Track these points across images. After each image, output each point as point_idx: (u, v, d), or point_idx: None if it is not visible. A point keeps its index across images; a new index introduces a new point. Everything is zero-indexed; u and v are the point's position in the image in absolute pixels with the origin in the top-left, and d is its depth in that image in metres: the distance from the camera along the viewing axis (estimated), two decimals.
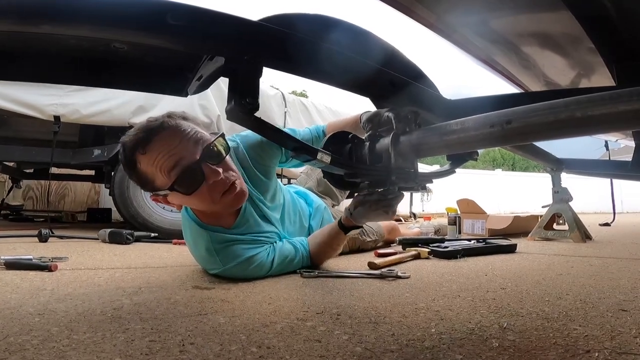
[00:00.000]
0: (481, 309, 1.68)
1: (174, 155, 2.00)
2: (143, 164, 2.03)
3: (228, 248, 2.28)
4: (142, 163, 2.03)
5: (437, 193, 9.26)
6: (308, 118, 6.73)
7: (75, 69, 1.48)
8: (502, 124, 1.29)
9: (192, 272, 2.49)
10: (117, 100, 5.16)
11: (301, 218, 2.99)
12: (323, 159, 1.57)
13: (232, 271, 2.27)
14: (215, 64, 1.39)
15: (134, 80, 1.59)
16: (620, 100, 1.04)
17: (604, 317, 1.55)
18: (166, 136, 2.01)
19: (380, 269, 2.51)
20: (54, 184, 9.40)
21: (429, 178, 1.93)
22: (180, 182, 2.02)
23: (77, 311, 1.61)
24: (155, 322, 1.47)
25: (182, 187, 2.04)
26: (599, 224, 7.43)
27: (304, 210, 3.09)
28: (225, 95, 1.36)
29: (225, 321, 1.49)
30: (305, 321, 1.51)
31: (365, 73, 1.57)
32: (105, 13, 1.07)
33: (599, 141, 5.68)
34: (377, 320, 1.51)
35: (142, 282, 2.18)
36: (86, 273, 2.44)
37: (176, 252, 3.49)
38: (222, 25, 1.26)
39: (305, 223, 3.03)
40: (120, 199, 5.07)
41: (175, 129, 2.04)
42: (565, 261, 3.05)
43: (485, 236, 5.13)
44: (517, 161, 46.01)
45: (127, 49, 1.33)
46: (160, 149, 1.99)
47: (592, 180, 16.18)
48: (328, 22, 1.53)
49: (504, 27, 1.94)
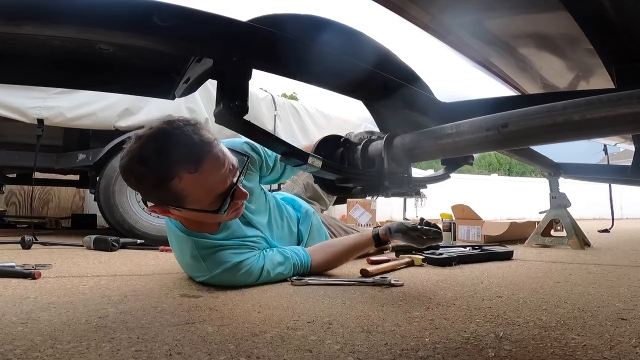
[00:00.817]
0: (477, 318, 1.68)
1: (224, 180, 2.06)
2: (186, 181, 1.97)
3: (214, 254, 2.28)
4: (186, 181, 1.96)
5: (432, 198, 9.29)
6: (299, 121, 6.74)
7: (59, 71, 1.48)
8: (498, 128, 1.29)
9: (180, 280, 2.48)
10: (102, 103, 5.14)
11: (289, 223, 3.01)
12: (314, 164, 1.56)
13: (219, 278, 2.27)
14: (203, 65, 1.39)
15: (119, 83, 1.59)
16: (620, 103, 1.04)
17: (603, 326, 1.56)
18: (216, 158, 2.03)
19: (372, 277, 2.51)
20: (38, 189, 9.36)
21: (423, 183, 1.93)
22: (220, 205, 2.08)
23: (61, 320, 1.60)
24: (142, 331, 1.47)
25: (217, 208, 2.08)
26: (598, 230, 7.44)
27: (291, 215, 3.11)
28: (214, 97, 1.36)
29: (214, 330, 1.49)
30: (295, 330, 1.50)
31: (357, 75, 1.57)
32: (90, 13, 1.06)
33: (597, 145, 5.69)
34: (369, 329, 1.51)
35: (128, 290, 2.17)
36: (70, 281, 2.43)
37: (163, 259, 3.48)
38: (211, 25, 1.26)
39: (294, 228, 3.05)
40: (105, 205, 5.04)
41: (219, 149, 2.06)
42: (563, 268, 3.05)
43: (480, 243, 5.14)
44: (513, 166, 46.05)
45: (112, 51, 1.33)
46: (214, 172, 2.02)
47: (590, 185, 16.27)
48: (319, 23, 1.53)
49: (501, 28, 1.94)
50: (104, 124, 5.16)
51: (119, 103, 5.19)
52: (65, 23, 1.05)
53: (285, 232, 2.92)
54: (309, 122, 6.83)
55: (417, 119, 1.78)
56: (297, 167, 1.61)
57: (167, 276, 2.64)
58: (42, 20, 1.03)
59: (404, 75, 1.72)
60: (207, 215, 2.14)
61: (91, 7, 1.06)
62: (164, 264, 3.24)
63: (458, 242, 5.11)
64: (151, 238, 4.94)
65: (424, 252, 3.37)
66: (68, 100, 5.06)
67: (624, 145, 5.04)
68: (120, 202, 5.00)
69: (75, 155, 5.46)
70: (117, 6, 1.10)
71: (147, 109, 5.21)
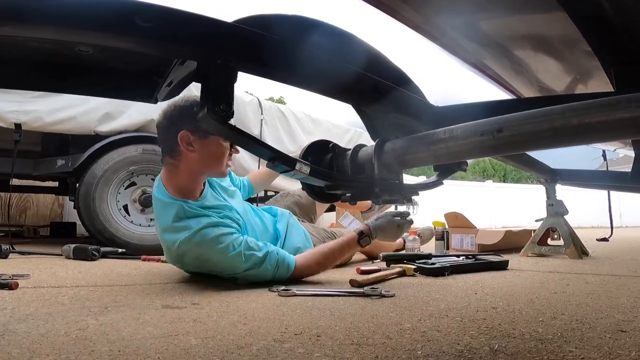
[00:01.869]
0: (471, 330, 1.68)
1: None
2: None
3: (198, 216, 2.57)
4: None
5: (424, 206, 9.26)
6: (286, 126, 6.74)
7: (38, 74, 1.47)
8: (492, 133, 1.29)
9: (162, 290, 2.47)
10: (82, 107, 5.11)
11: (264, 222, 3.27)
12: (302, 170, 1.56)
13: (201, 236, 2.50)
14: (187, 68, 1.39)
15: (100, 86, 1.58)
16: (619, 107, 1.05)
17: (602, 339, 1.56)
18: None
19: (362, 287, 2.51)
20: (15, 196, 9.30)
21: (415, 190, 1.93)
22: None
23: (40, 332, 1.59)
24: (123, 344, 1.46)
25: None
26: (597, 239, 7.46)
27: (267, 217, 3.36)
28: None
29: (198, 343, 1.49)
30: (282, 342, 1.50)
31: (346, 78, 1.57)
32: (69, 14, 1.06)
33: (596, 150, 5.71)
34: (359, 342, 1.51)
35: (109, 301, 2.16)
36: (49, 291, 2.41)
37: (145, 269, 3.47)
38: (194, 26, 1.26)
39: (269, 228, 3.28)
40: (85, 213, 5.00)
41: None
42: (561, 279, 3.06)
43: (475, 252, 5.14)
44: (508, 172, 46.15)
45: (92, 52, 1.32)
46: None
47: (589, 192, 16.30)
48: (307, 24, 1.53)
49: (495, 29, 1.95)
50: (84, 129, 5.13)
51: (99, 107, 5.16)
52: (44, 24, 1.05)
53: (259, 228, 3.15)
54: (297, 127, 6.83)
55: (408, 123, 1.78)
56: (285, 173, 1.61)
57: (150, 286, 2.63)
58: (19, 20, 1.02)
59: (395, 78, 1.72)
60: (219, 160, 2.72)
61: (70, 7, 1.06)
62: (146, 273, 3.23)
63: (451, 251, 5.12)
64: (133, 247, 4.90)
65: (415, 262, 3.37)
66: (47, 104, 5.02)
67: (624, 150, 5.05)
68: (100, 209, 4.97)
69: (54, 161, 5.42)
70: (98, 6, 1.10)
71: (128, 113, 5.20)
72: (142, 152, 5.09)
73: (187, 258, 2.62)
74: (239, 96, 6.18)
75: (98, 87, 1.59)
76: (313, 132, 7.08)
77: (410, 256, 3.70)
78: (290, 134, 6.79)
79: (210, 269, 2.66)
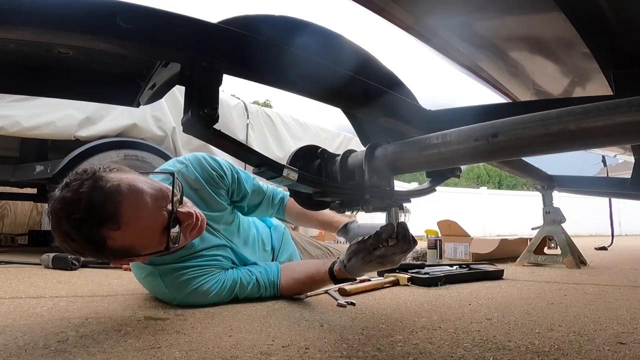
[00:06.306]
0: (464, 342, 1.68)
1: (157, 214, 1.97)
2: (119, 237, 1.89)
3: (176, 280, 2.31)
4: (118, 237, 1.89)
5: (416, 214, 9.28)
6: (273, 131, 6.75)
7: (15, 77, 1.47)
8: (487, 138, 1.30)
9: (145, 301, 2.46)
10: (61, 111, 5.12)
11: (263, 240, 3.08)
12: (289, 176, 1.56)
13: (185, 301, 2.32)
14: (170, 70, 1.39)
15: (80, 89, 1.58)
16: (618, 111, 1.05)
17: (600, 351, 1.56)
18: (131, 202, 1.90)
19: (351, 296, 2.51)
20: None
21: (407, 197, 1.94)
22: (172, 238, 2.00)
23: (18, 344, 1.58)
24: (104, 357, 1.46)
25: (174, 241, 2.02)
26: (595, 248, 7.49)
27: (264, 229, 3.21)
28: (182, 105, 1.35)
29: (181, 355, 1.49)
30: (269, 355, 1.50)
31: (336, 81, 1.56)
32: (47, 14, 1.06)
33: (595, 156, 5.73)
34: (349, 355, 1.51)
35: (90, 312, 2.15)
36: (27, 302, 2.41)
37: (127, 279, 3.45)
38: (178, 27, 1.25)
39: (267, 247, 3.12)
40: None
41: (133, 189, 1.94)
42: (558, 289, 3.07)
43: (469, 261, 5.14)
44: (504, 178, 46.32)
45: (72, 55, 1.32)
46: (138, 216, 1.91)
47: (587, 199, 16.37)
48: (295, 25, 1.53)
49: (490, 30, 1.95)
50: (64, 134, 5.13)
51: (79, 111, 5.17)
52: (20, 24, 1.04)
53: (256, 249, 2.94)
54: (284, 132, 6.85)
55: (400, 128, 1.78)
56: (272, 180, 1.60)
57: (131, 297, 2.62)
58: None
59: (385, 81, 1.73)
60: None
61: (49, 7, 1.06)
62: (127, 283, 3.21)
63: (444, 260, 5.12)
64: None
65: (408, 271, 3.37)
66: (25, 109, 5.02)
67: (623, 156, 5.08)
68: None
69: (33, 167, 5.41)
70: (77, 6, 1.09)
71: (109, 117, 5.20)
72: (124, 157, 5.09)
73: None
74: (224, 100, 6.20)
75: (77, 90, 1.58)
76: (301, 137, 7.10)
77: (403, 265, 3.69)
78: (278, 139, 6.81)
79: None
